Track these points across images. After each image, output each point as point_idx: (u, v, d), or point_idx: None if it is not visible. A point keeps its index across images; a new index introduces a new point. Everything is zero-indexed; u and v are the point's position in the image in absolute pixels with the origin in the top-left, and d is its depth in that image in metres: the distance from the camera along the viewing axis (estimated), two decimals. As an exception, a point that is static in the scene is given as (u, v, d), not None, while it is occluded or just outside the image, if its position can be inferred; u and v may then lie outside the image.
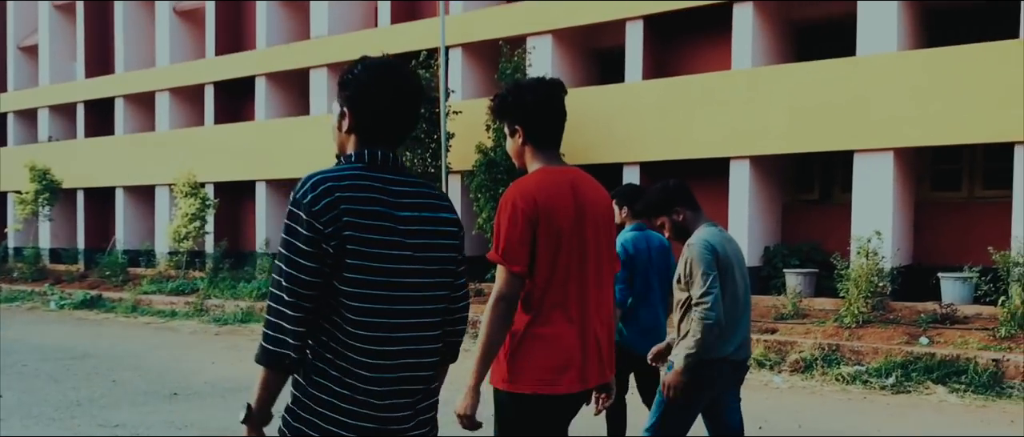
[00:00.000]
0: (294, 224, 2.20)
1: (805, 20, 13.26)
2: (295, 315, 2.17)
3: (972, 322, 10.33)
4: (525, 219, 2.91)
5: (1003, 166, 11.84)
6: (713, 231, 4.02)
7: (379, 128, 2.36)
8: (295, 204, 2.21)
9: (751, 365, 10.22)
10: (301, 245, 2.18)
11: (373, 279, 2.23)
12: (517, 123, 3.09)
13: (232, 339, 13.23)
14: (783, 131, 12.04)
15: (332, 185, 2.21)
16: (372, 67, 2.37)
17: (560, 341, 2.99)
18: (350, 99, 2.37)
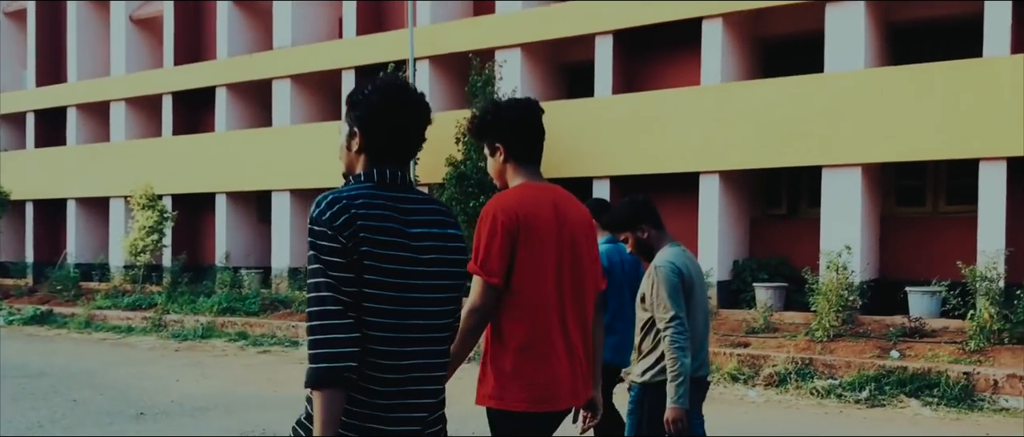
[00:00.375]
0: (321, 241, 2.24)
1: (772, 37, 13.41)
2: (347, 323, 2.20)
3: (940, 335, 10.47)
4: (505, 232, 2.95)
5: (966, 182, 12.07)
6: (677, 252, 4.11)
7: (389, 148, 2.41)
8: (316, 223, 2.25)
9: (725, 379, 10.26)
10: (334, 258, 2.22)
11: (387, 294, 2.28)
12: (498, 141, 3.14)
13: (194, 355, 12.89)
14: (753, 146, 12.13)
15: (347, 203, 2.26)
16: (382, 88, 2.42)
17: (546, 358, 3.00)
18: (360, 119, 2.41)
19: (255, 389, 9.97)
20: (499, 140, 3.15)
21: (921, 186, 12.39)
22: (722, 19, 12.49)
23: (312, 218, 2.26)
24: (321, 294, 2.21)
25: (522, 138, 3.16)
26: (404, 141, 2.43)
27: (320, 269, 2.22)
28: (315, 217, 2.25)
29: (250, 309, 15.55)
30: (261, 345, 13.82)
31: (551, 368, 3.01)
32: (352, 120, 2.43)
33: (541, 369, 3.00)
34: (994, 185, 10.58)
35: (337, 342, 2.18)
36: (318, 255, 2.23)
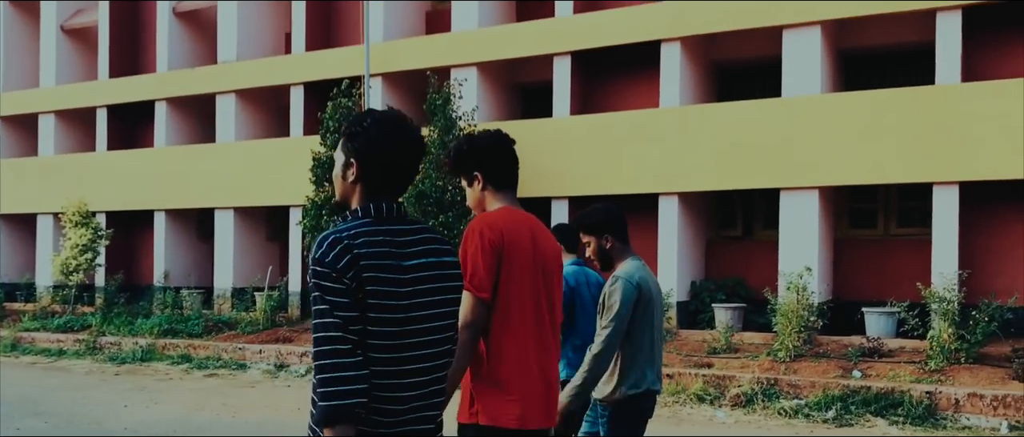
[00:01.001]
0: (326, 282, 2.30)
1: (727, 61, 13.62)
2: (356, 360, 2.26)
3: (897, 355, 10.69)
4: (492, 249, 3.05)
5: (916, 205, 12.43)
6: (639, 266, 4.19)
7: (385, 180, 2.47)
8: (320, 264, 2.30)
9: (692, 400, 10.26)
10: (339, 298, 2.29)
11: (388, 330, 2.34)
12: (476, 170, 3.25)
13: (137, 379, 12.31)
14: (712, 168, 12.25)
15: (348, 243, 2.32)
16: (381, 120, 2.48)
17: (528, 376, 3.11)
18: (359, 151, 2.46)
19: (211, 415, 9.55)
20: (476, 169, 3.25)
21: (873, 209, 12.69)
22: (680, 42, 12.62)
23: (315, 259, 2.31)
24: (330, 333, 2.26)
25: (498, 165, 3.27)
26: (400, 174, 2.49)
27: (327, 309, 2.28)
28: (318, 258, 2.30)
29: (193, 331, 14.97)
30: (207, 368, 13.29)
31: (532, 386, 3.12)
32: (349, 151, 2.48)
33: (526, 386, 3.11)
34: (947, 209, 10.89)
35: (347, 379, 2.24)
36: (323, 295, 2.29)
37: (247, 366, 13.41)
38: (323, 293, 2.29)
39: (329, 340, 2.26)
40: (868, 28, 12.10)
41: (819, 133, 11.62)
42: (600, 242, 4.25)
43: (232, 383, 12.07)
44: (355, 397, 2.24)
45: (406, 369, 2.39)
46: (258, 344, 13.87)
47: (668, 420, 9.46)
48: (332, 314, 2.27)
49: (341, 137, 2.54)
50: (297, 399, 10.57)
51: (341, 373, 2.24)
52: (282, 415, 9.54)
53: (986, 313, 9.97)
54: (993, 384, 9.44)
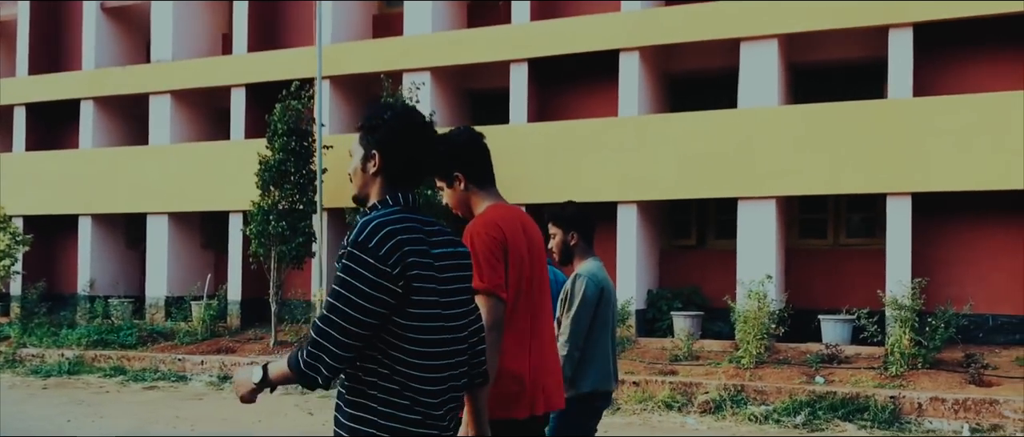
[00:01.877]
0: (358, 267, 2.33)
1: (680, 72, 13.76)
2: (341, 352, 2.34)
3: (854, 361, 10.92)
4: (499, 247, 3.06)
5: (865, 216, 12.79)
6: (599, 266, 4.33)
7: (405, 171, 2.54)
8: (359, 248, 2.34)
9: (659, 407, 10.24)
10: (365, 288, 2.33)
11: (429, 311, 2.43)
12: (456, 170, 3.21)
13: (69, 392, 11.57)
14: (671, 177, 12.33)
15: (393, 229, 2.38)
16: (401, 113, 2.55)
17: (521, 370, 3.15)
18: (381, 143, 2.51)
19: (167, 427, 9.02)
20: (457, 169, 3.22)
21: (823, 219, 12.99)
22: (639, 52, 12.69)
23: (354, 242, 2.34)
24: (333, 317, 2.32)
25: (477, 162, 3.26)
26: (419, 166, 2.56)
27: (344, 295, 2.33)
28: (360, 242, 2.33)
29: (125, 341, 14.21)
30: (144, 380, 12.60)
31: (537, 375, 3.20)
32: (370, 143, 2.52)
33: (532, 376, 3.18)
34: (900, 219, 11.21)
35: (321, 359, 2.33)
36: (354, 281, 2.33)
37: (188, 378, 12.78)
38: (355, 279, 2.33)
39: (328, 322, 2.33)
40: (821, 43, 12.40)
41: (777, 144, 11.83)
42: (566, 237, 4.34)
43: (176, 396, 11.46)
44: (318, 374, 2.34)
45: (445, 350, 2.48)
46: (198, 355, 13.24)
47: (639, 428, 9.41)
48: (349, 299, 2.32)
49: (359, 131, 2.57)
50: (253, 411, 10.09)
51: (320, 352, 2.32)
52: (243, 427, 9.08)
53: (942, 320, 10.29)
54: (952, 388, 9.73)
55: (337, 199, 13.59)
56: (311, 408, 10.36)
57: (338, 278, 2.35)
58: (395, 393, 2.39)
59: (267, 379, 2.48)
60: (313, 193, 13.45)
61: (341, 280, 2.34)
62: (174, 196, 15.64)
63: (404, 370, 2.39)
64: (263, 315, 15.55)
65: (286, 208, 13.23)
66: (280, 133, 13.13)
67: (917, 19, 11.28)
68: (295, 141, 13.27)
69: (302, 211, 13.40)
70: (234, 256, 15.14)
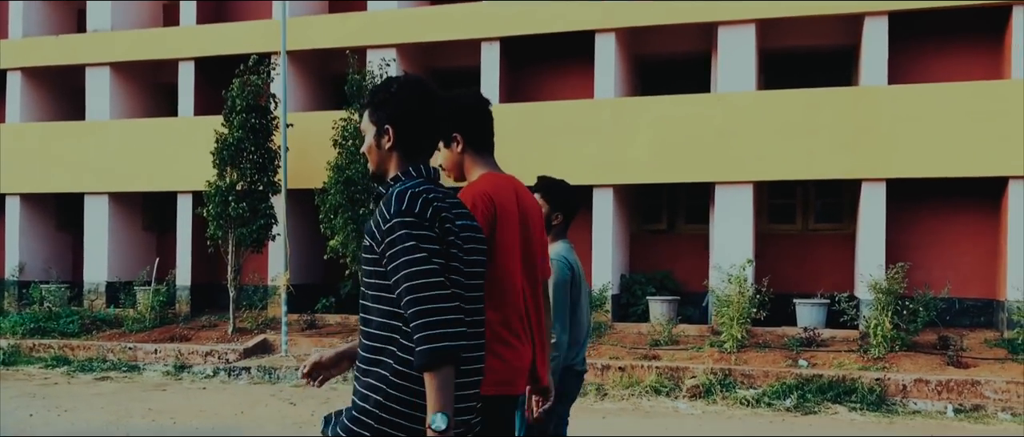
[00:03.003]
0: (418, 230, 2.33)
1: (650, 56, 13.67)
2: (457, 305, 2.30)
3: (831, 344, 11.08)
4: (486, 220, 2.98)
5: (833, 201, 12.99)
6: (569, 248, 4.36)
7: (420, 143, 2.55)
8: (408, 214, 2.34)
9: (648, 392, 10.15)
10: (434, 246, 2.33)
11: (454, 279, 2.41)
12: (455, 131, 3.14)
13: (15, 384, 10.74)
14: (648, 161, 12.25)
15: (428, 197, 2.39)
16: (409, 84, 2.54)
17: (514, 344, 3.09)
18: (393, 117, 2.51)
19: (146, 420, 8.44)
20: (456, 130, 3.14)
21: (792, 205, 13.13)
22: (615, 34, 12.54)
23: (399, 212, 2.33)
24: (431, 279, 2.28)
25: (480, 126, 3.20)
26: (432, 136, 2.59)
27: (425, 256, 2.30)
28: (404, 210, 2.33)
29: (67, 330, 13.33)
30: (92, 371, 11.83)
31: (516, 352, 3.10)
32: (382, 118, 2.52)
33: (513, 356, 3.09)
34: (875, 204, 11.41)
35: (452, 323, 2.27)
36: (419, 244, 2.31)
37: (141, 368, 12.06)
38: (418, 241, 2.31)
39: (431, 286, 2.27)
40: (793, 30, 12.48)
41: (754, 129, 11.87)
42: (552, 216, 4.33)
43: (135, 386, 10.79)
44: (461, 339, 2.27)
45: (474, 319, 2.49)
46: (151, 343, 12.52)
47: (631, 413, 9.29)
48: (430, 261, 2.29)
49: (367, 109, 2.57)
50: (225, 401, 9.57)
51: (446, 316, 2.26)
52: (223, 419, 8.58)
53: (921, 303, 10.51)
54: (933, 370, 9.96)
55: (298, 180, 13.05)
56: (291, 398, 9.89)
57: (405, 249, 2.31)
58: None
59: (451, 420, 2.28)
60: (273, 173, 12.85)
61: (408, 249, 2.31)
62: (115, 175, 14.73)
63: None
64: (214, 301, 14.86)
65: (245, 189, 12.59)
66: (239, 110, 12.47)
67: (893, 8, 11.45)
68: (255, 118, 12.63)
69: (262, 192, 12.79)
70: (183, 239, 14.38)
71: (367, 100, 2.59)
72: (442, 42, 13.50)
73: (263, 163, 12.79)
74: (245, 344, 12.34)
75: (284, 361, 11.75)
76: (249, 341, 12.50)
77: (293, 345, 12.21)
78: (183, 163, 14.22)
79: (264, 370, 11.42)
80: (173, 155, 14.34)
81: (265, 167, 12.81)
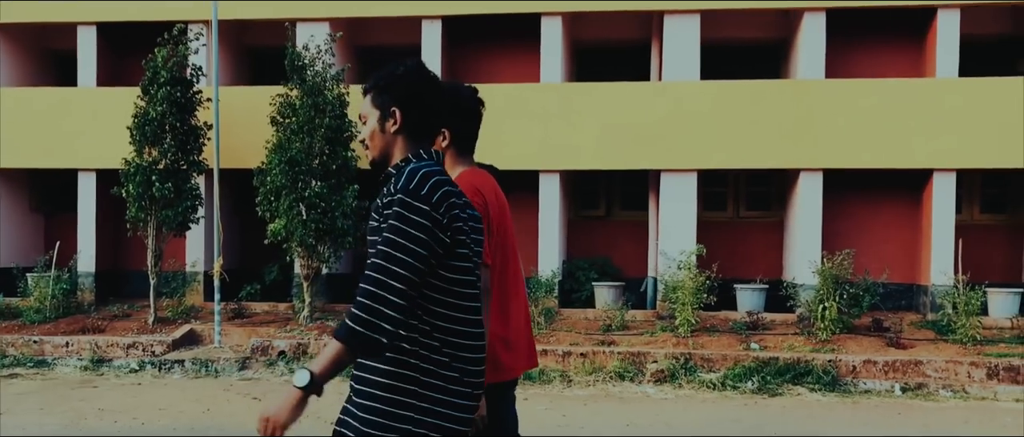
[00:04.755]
0: (413, 215, 2.28)
1: (589, 42, 13.67)
2: (400, 302, 2.24)
3: (774, 328, 11.49)
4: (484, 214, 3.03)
5: (763, 190, 13.47)
6: None
7: (426, 126, 2.51)
8: (411, 196, 2.29)
9: (612, 378, 10.19)
10: (421, 235, 2.27)
11: (467, 265, 2.42)
12: (446, 126, 3.14)
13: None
14: (594, 147, 12.26)
15: (440, 179, 2.36)
16: (415, 68, 2.51)
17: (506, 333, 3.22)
18: (400, 100, 2.47)
19: (111, 421, 7.65)
20: (448, 125, 3.15)
21: (723, 193, 13.51)
22: (561, 17, 12.46)
23: (407, 190, 2.28)
24: (389, 266, 2.23)
25: (471, 126, 3.24)
26: (437, 120, 2.55)
27: (399, 243, 2.25)
28: (412, 189, 2.29)
29: (-48, 322, 11.93)
30: (-7, 368, 10.65)
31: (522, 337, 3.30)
32: (388, 102, 2.47)
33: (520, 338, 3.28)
34: (812, 193, 11.91)
35: (382, 315, 2.21)
36: (408, 229, 2.26)
37: (50, 363, 10.97)
38: (408, 226, 2.26)
39: (383, 271, 2.23)
40: (733, 21, 12.81)
41: (699, 118, 12.10)
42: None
43: (56, 384, 9.79)
44: (380, 333, 2.22)
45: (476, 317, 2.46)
46: (60, 336, 11.40)
47: (604, 399, 9.29)
48: (407, 248, 2.25)
49: (368, 93, 2.52)
50: (175, 397, 8.84)
51: (378, 306, 2.21)
52: (194, 418, 7.92)
53: (861, 288, 11.08)
54: (877, 351, 10.51)
55: (238, 159, 12.26)
56: (249, 393, 9.26)
57: (392, 226, 2.26)
58: (435, 349, 2.36)
59: (315, 378, 2.23)
60: (198, 151, 11.96)
61: (396, 228, 2.26)
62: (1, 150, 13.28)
63: (444, 326, 2.37)
64: (118, 289, 13.74)
65: (168, 167, 11.65)
66: (162, 82, 11.50)
67: (830, 5, 11.95)
68: (180, 91, 11.70)
69: (185, 171, 11.88)
70: (85, 222, 13.16)
71: (369, 84, 2.53)
72: (380, 18, 12.97)
73: (186, 140, 11.87)
74: (171, 335, 11.45)
75: (220, 353, 11.00)
76: (174, 332, 11.61)
77: (225, 335, 11.44)
78: (86, 138, 13.02)
79: (200, 363, 10.64)
80: (71, 129, 13.08)
81: (188, 145, 11.89)
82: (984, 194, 13.05)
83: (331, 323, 11.64)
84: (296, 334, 11.26)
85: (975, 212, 12.97)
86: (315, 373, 2.23)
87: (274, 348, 10.91)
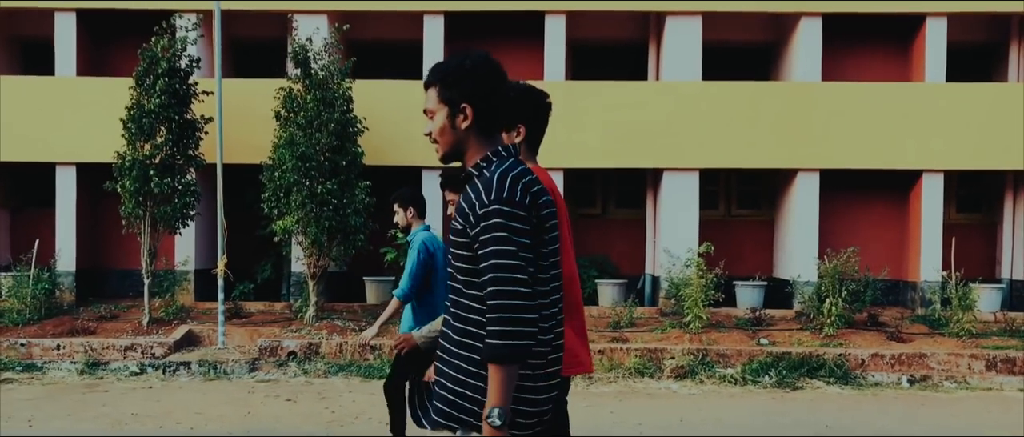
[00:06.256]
0: (514, 222, 2.31)
1: (585, 41, 13.73)
2: (534, 303, 2.30)
3: (776, 323, 11.79)
4: None
5: (753, 189, 13.78)
6: None
7: (498, 120, 2.50)
8: (508, 203, 2.30)
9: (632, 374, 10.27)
10: (523, 240, 2.32)
11: (552, 262, 2.44)
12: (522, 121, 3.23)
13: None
14: (598, 146, 12.33)
15: (526, 181, 2.37)
16: (482, 60, 2.46)
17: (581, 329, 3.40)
18: (471, 95, 2.42)
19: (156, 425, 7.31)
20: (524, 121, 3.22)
21: (715, 192, 13.76)
22: (565, 16, 12.49)
23: (502, 198, 2.30)
24: (514, 275, 2.27)
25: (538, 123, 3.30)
26: (505, 115, 2.58)
27: (513, 250, 2.29)
28: (506, 197, 2.30)
29: (-72, 324, 11.20)
30: (-19, 372, 10.05)
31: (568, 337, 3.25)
32: (457, 97, 2.42)
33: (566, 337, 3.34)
34: (809, 192, 12.26)
35: (526, 322, 2.27)
36: (512, 236, 2.30)
37: (42, 366, 10.41)
38: (512, 233, 2.29)
39: (513, 281, 2.26)
40: (730, 24, 13.06)
41: (700, 117, 12.30)
42: None
43: (63, 389, 9.31)
44: (530, 339, 2.28)
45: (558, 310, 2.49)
46: (49, 338, 10.83)
47: (632, 396, 9.35)
48: (518, 255, 2.28)
49: (434, 87, 2.45)
50: (200, 402, 8.52)
51: (521, 314, 2.26)
52: (240, 421, 7.65)
53: (863, 285, 11.45)
54: (882, 345, 10.89)
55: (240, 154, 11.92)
56: (276, 394, 8.98)
57: (498, 238, 2.28)
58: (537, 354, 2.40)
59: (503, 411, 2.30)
60: (194, 146, 11.54)
61: (500, 239, 2.28)
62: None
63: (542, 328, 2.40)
64: (98, 288, 13.14)
65: (165, 162, 11.20)
66: (161, 73, 11.05)
67: (827, 9, 12.31)
68: (178, 83, 11.26)
69: (181, 166, 11.44)
70: (65, 218, 12.53)
71: (434, 78, 2.47)
72: (380, 12, 12.75)
73: (182, 134, 11.43)
74: (170, 337, 11.01)
75: (226, 354, 10.63)
76: (173, 333, 11.16)
77: (226, 336, 11.07)
78: (65, 131, 12.41)
79: (207, 365, 10.26)
80: (47, 120, 12.44)
81: (185, 138, 11.46)
82: (958, 195, 13.66)
83: (338, 322, 11.39)
84: (304, 334, 10.97)
85: (952, 211, 13.56)
86: (501, 406, 2.28)
87: (283, 348, 10.61)
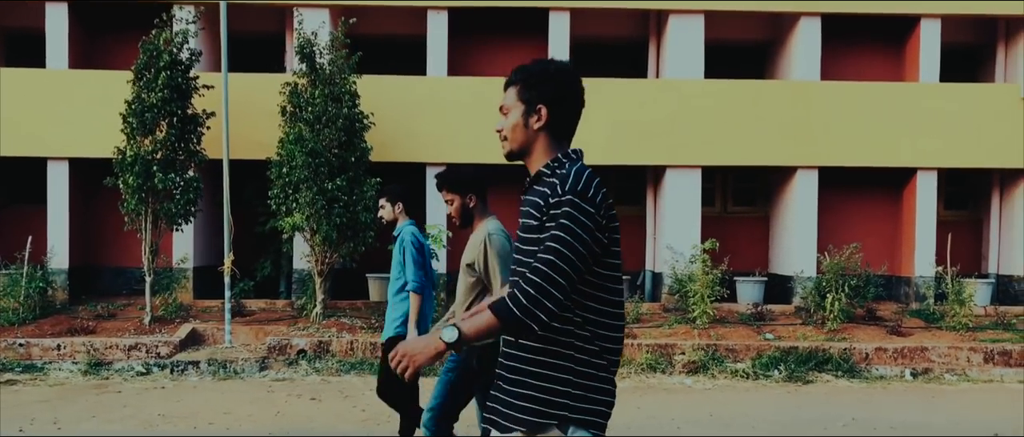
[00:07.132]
0: (582, 216, 2.37)
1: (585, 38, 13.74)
2: (560, 296, 2.36)
3: (778, 318, 11.97)
4: None
5: (748, 186, 13.96)
6: (500, 224, 4.68)
7: (570, 125, 2.56)
8: (581, 198, 2.38)
9: (645, 370, 10.36)
10: (586, 236, 2.37)
11: (616, 263, 2.50)
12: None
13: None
14: (602, 143, 12.38)
15: (599, 180, 2.46)
16: (563, 67, 2.55)
17: None
18: (548, 97, 2.50)
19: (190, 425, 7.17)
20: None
21: (711, 189, 13.91)
22: (569, 12, 12.52)
23: (577, 192, 2.36)
24: (562, 265, 2.34)
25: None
26: (577, 120, 2.59)
27: (573, 242, 2.35)
28: (581, 191, 2.37)
29: (-79, 324, 10.83)
30: (-18, 373, 9.76)
31: None
32: (534, 98, 2.50)
33: None
34: (808, 189, 12.46)
35: (543, 303, 2.34)
36: (577, 229, 2.36)
37: (43, 367, 10.14)
38: (579, 226, 2.35)
39: (563, 264, 2.33)
40: (728, 22, 13.20)
41: (703, 115, 12.43)
42: (465, 201, 4.64)
43: (68, 390, 9.08)
44: (535, 320, 2.34)
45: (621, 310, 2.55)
46: (49, 338, 10.56)
47: (649, 392, 9.42)
48: (577, 247, 2.34)
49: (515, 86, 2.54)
50: (225, 402, 8.39)
51: (543, 294, 2.33)
52: (272, 420, 7.54)
53: (862, 280, 11.68)
54: (883, 339, 11.12)
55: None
56: (298, 392, 8.87)
57: (563, 225, 2.35)
58: (587, 340, 2.46)
59: (463, 338, 2.37)
60: (196, 141, 11.33)
61: (566, 227, 2.35)
62: None
63: (595, 319, 2.46)
64: (90, 286, 12.84)
65: (166, 157, 10.97)
66: (163, 66, 10.82)
67: (826, 9, 12.52)
68: (179, 77, 11.04)
69: (183, 162, 11.23)
70: (57, 215, 12.21)
71: (517, 77, 2.55)
72: (383, 7, 12.64)
73: (184, 128, 11.22)
74: (174, 336, 10.80)
75: (235, 353, 10.48)
76: (177, 332, 10.95)
77: (232, 334, 10.90)
78: (56, 124, 12.09)
79: (217, 364, 10.09)
80: (42, 115, 12.12)
81: (186, 133, 11.24)
82: (946, 192, 14.00)
83: (345, 320, 11.29)
84: (313, 332, 10.85)
85: (940, 208, 13.89)
86: (464, 333, 2.35)
87: (293, 347, 10.48)
